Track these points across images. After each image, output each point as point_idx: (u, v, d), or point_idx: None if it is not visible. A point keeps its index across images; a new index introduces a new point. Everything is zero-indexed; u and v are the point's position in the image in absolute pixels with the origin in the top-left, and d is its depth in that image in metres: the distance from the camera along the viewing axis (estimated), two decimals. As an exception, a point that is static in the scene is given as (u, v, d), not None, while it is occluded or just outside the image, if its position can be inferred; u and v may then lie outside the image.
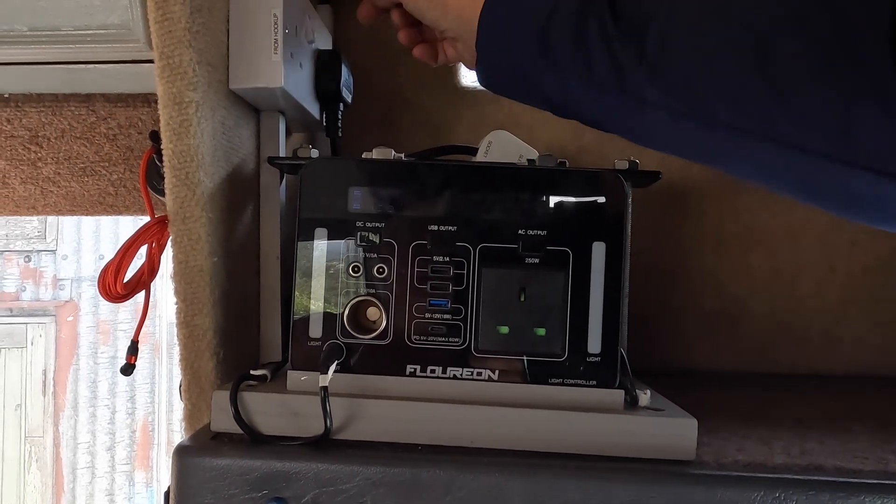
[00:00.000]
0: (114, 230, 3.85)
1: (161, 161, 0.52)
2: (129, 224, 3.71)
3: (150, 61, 0.51)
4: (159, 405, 3.82)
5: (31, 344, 3.86)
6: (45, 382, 3.84)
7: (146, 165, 0.56)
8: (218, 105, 0.53)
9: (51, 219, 3.83)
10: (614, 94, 0.43)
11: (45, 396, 3.83)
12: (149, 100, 0.62)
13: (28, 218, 3.75)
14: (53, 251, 3.89)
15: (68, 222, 3.86)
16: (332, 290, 0.50)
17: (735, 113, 0.38)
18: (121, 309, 3.81)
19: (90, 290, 3.89)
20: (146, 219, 0.55)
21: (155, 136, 0.54)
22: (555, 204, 0.50)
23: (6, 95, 0.62)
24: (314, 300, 0.50)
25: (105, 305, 3.87)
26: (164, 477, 3.76)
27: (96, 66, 0.58)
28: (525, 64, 0.47)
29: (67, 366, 3.86)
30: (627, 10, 0.42)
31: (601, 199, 0.50)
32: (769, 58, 0.36)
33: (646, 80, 0.41)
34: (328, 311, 0.50)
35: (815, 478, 0.45)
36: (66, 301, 3.90)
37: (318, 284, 0.50)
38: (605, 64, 0.42)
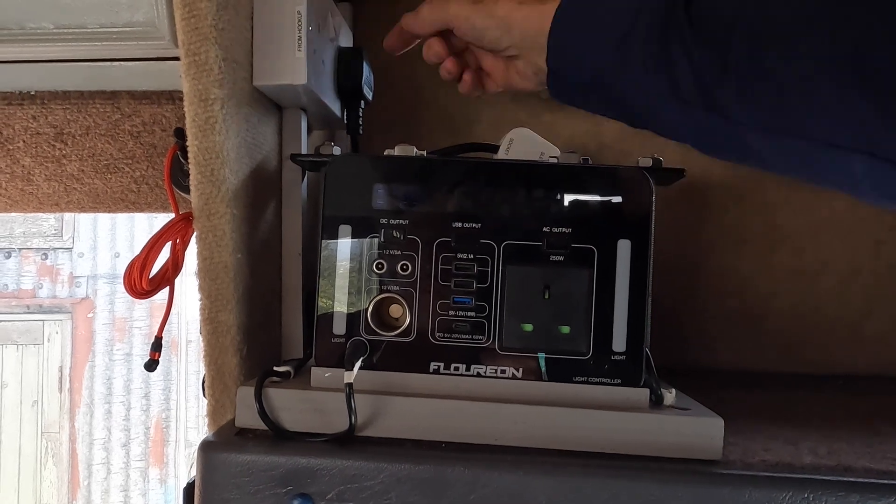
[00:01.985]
0: (129, 228, 3.88)
1: (185, 158, 0.52)
2: (145, 222, 3.74)
3: (175, 58, 0.51)
4: (177, 402, 3.85)
5: (48, 341, 3.91)
6: (61, 379, 3.88)
7: (171, 162, 0.56)
8: (242, 102, 0.53)
9: (67, 217, 3.87)
10: (698, 110, 0.42)
11: (61, 393, 3.88)
12: (173, 97, 0.63)
13: (45, 216, 3.79)
14: (70, 249, 3.93)
15: (84, 220, 3.89)
16: (355, 287, 0.50)
17: (832, 130, 0.37)
18: (136, 306, 3.84)
19: (106, 288, 3.93)
20: (163, 217, 0.55)
21: (179, 133, 0.54)
22: (579, 201, 0.50)
23: (32, 93, 0.63)
24: (338, 297, 0.50)
25: (120, 303, 3.91)
26: (181, 473, 3.79)
27: (121, 63, 0.59)
28: (603, 75, 0.46)
29: (83, 362, 3.90)
30: (705, 22, 0.41)
31: (626, 197, 0.49)
32: (871, 74, 0.35)
33: (733, 97, 0.40)
34: (352, 308, 0.50)
35: (844, 479, 0.45)
36: (83, 298, 3.94)
37: (341, 281, 0.50)
38: (688, 78, 0.41)
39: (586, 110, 0.52)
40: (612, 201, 0.50)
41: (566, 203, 0.50)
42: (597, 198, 0.50)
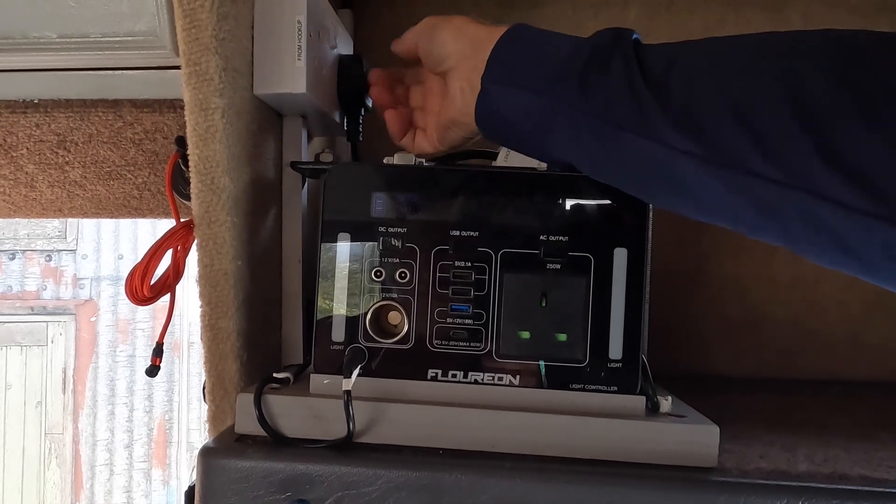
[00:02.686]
0: (132, 230, 3.90)
1: (186, 166, 0.53)
2: (148, 225, 3.75)
3: (177, 67, 0.51)
4: (179, 404, 3.86)
5: (52, 342, 3.92)
6: (64, 380, 3.89)
7: (172, 170, 0.56)
8: (243, 110, 0.54)
9: (71, 219, 3.88)
10: (631, 137, 0.41)
11: (64, 394, 3.89)
12: (174, 105, 0.63)
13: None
14: (73, 251, 3.94)
15: (88, 223, 3.91)
16: (354, 295, 0.51)
17: (770, 165, 0.36)
18: (139, 308, 3.85)
19: (109, 290, 3.94)
20: (165, 222, 0.55)
21: (180, 142, 0.55)
22: (576, 209, 0.50)
23: (36, 101, 0.64)
24: (337, 304, 0.51)
25: (124, 305, 3.92)
26: (182, 475, 3.80)
27: (124, 72, 0.59)
28: (537, 97, 0.46)
29: (87, 364, 3.91)
30: (651, 54, 0.42)
31: (622, 205, 0.50)
32: (806, 110, 0.35)
33: (671, 126, 0.39)
34: (350, 315, 0.51)
35: (840, 486, 0.45)
36: (86, 300, 3.95)
37: (340, 289, 0.51)
38: (627, 104, 0.41)
39: (509, 145, 0.51)
40: (609, 210, 0.50)
41: (563, 211, 0.50)
42: (594, 206, 0.50)
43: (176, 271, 0.55)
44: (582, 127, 0.44)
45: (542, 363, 0.49)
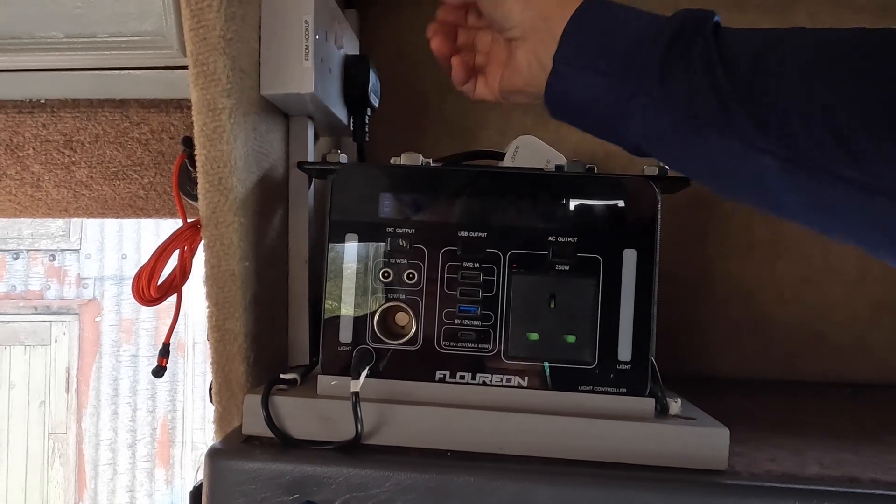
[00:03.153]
0: (136, 230, 3.90)
1: (193, 166, 0.53)
2: (152, 225, 3.76)
3: (183, 67, 0.51)
4: (183, 403, 3.86)
5: (55, 342, 3.92)
6: (68, 379, 3.90)
7: (179, 171, 0.56)
8: (250, 111, 0.53)
9: (75, 219, 3.88)
10: (713, 134, 0.40)
11: (68, 393, 3.89)
12: (181, 105, 0.63)
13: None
14: (77, 250, 3.95)
15: (92, 222, 3.91)
16: (362, 296, 0.51)
17: (856, 169, 0.35)
18: (143, 307, 3.85)
19: (113, 289, 3.94)
20: (169, 222, 0.55)
21: (187, 142, 0.55)
22: (585, 210, 0.50)
23: (42, 101, 0.64)
24: (344, 305, 0.51)
25: (127, 304, 3.92)
26: (186, 474, 3.80)
27: (130, 72, 0.59)
28: (614, 83, 0.44)
29: (90, 363, 3.92)
30: (733, 44, 0.40)
31: (631, 206, 0.50)
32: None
33: (754, 124, 0.38)
34: (358, 316, 0.51)
35: (851, 490, 0.45)
36: (90, 300, 3.95)
37: (348, 290, 0.51)
38: (709, 100, 0.40)
39: (580, 127, 0.49)
40: (618, 210, 0.50)
41: (572, 212, 0.50)
42: (602, 207, 0.50)
43: (183, 272, 0.55)
44: (661, 118, 0.43)
45: (547, 364, 0.49)
